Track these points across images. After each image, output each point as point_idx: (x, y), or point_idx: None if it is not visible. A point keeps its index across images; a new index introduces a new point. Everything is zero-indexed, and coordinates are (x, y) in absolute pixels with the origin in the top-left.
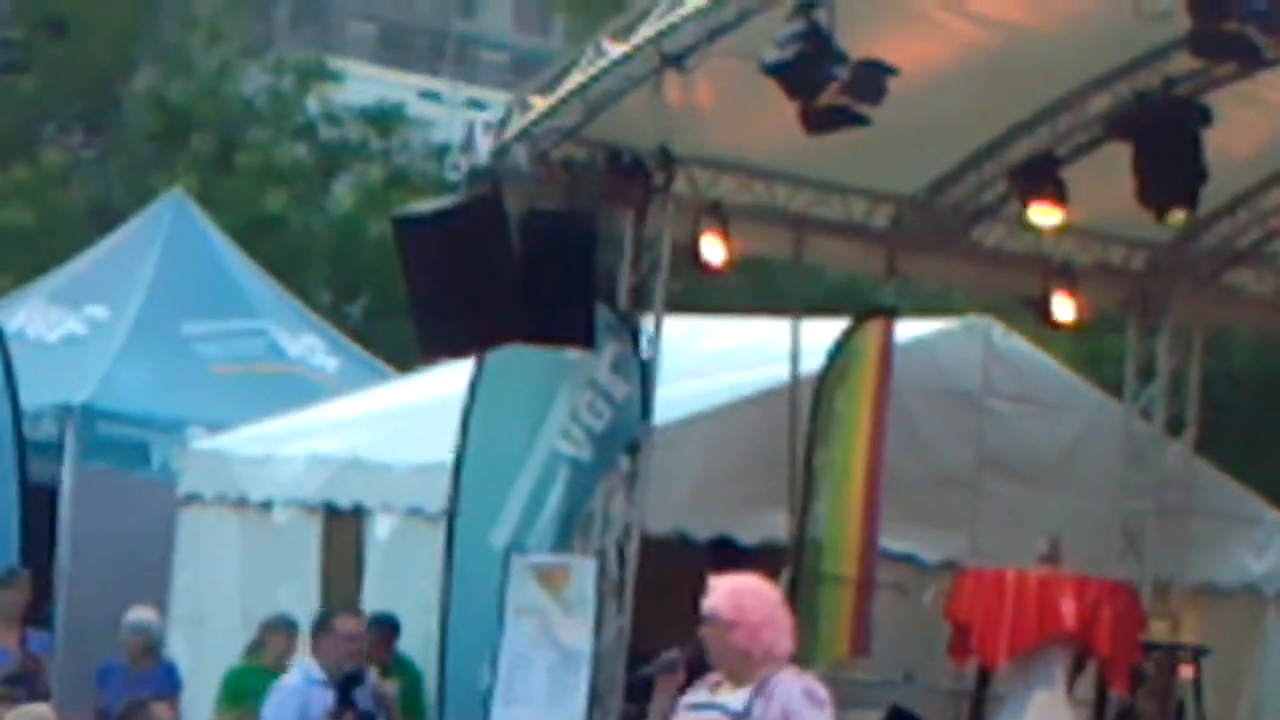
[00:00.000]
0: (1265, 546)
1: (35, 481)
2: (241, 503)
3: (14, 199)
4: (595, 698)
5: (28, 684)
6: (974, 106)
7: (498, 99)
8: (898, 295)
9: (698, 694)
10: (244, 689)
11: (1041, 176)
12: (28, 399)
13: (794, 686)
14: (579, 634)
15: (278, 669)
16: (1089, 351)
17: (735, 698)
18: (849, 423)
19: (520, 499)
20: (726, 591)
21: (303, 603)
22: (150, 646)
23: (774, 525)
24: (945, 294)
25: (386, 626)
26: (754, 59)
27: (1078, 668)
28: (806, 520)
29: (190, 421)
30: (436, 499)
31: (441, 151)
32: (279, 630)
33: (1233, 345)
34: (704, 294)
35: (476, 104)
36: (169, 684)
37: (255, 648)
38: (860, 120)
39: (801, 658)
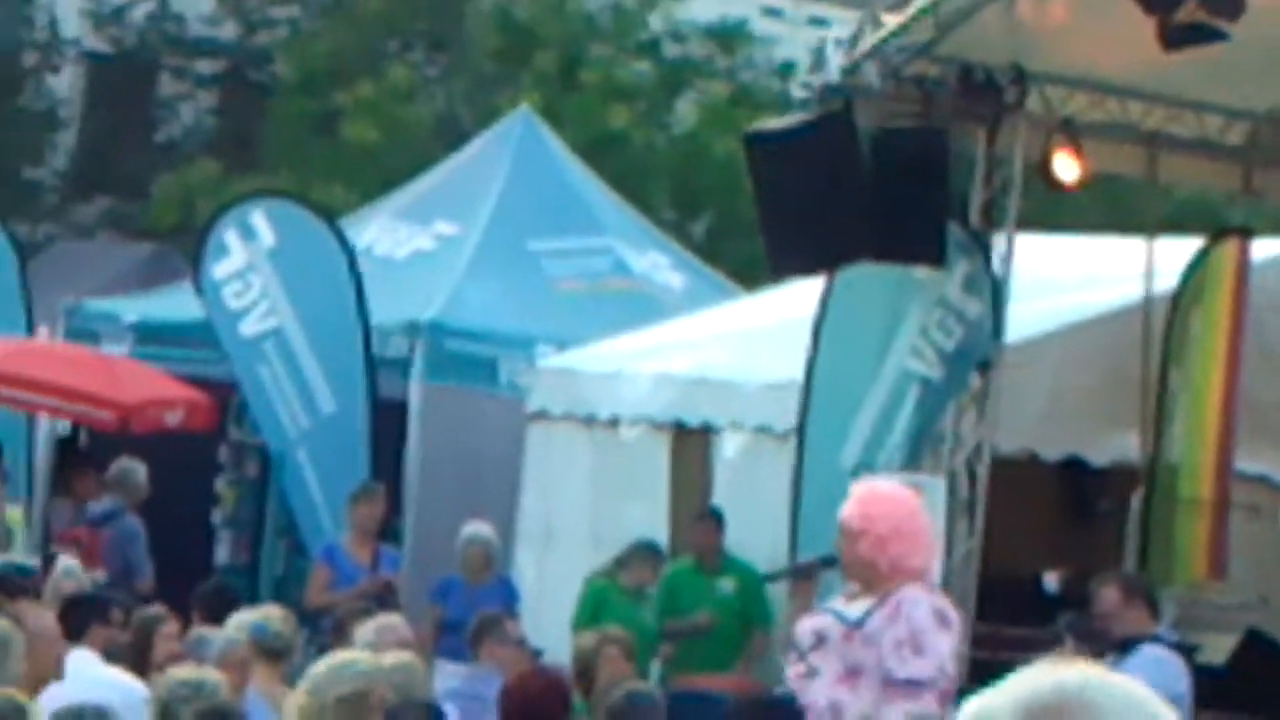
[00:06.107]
0: None
1: (385, 398)
2: (590, 420)
3: (360, 116)
4: None
5: (380, 603)
6: None
7: (840, 16)
8: (1247, 214)
9: (834, 600)
10: (605, 603)
11: None
12: (377, 315)
13: (922, 604)
14: None
15: (635, 593)
16: None
17: (855, 607)
18: (1204, 343)
19: (870, 417)
20: (857, 499)
21: (652, 520)
22: (488, 560)
23: (1125, 446)
24: None
25: (712, 520)
26: None
27: None
28: (1161, 442)
29: (537, 338)
30: (785, 417)
31: (784, 69)
32: (646, 557)
33: None
34: (1054, 212)
35: (819, 21)
36: (507, 598)
37: (615, 565)
38: (1218, 36)
39: (1158, 580)
